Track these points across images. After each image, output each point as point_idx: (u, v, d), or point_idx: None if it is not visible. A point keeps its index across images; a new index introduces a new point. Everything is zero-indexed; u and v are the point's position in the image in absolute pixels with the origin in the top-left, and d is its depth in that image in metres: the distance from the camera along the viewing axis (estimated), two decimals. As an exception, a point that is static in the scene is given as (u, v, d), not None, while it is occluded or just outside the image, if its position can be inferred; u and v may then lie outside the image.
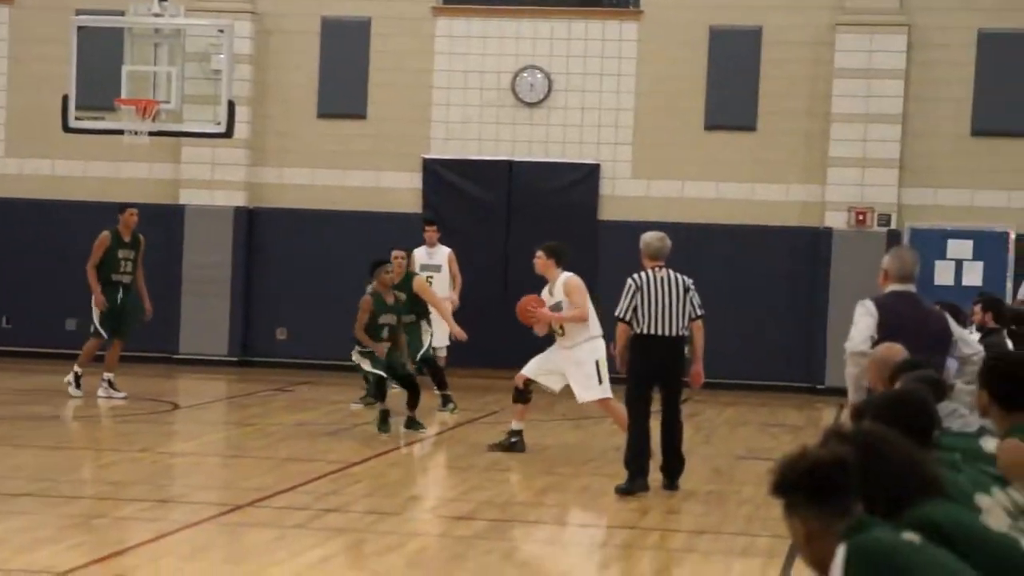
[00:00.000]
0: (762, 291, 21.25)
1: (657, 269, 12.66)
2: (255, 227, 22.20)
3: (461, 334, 16.51)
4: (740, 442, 16.29)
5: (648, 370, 12.50)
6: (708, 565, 10.14)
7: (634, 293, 12.49)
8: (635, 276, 12.64)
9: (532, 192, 21.83)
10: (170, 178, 22.26)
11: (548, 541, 10.60)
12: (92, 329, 17.64)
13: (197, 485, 12.88)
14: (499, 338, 21.19)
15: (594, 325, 14.08)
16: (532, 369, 14.32)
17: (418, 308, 16.82)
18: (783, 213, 21.43)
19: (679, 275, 12.74)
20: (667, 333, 12.48)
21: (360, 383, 16.92)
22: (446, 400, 17.23)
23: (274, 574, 9.36)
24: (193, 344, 21.87)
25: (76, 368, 17.59)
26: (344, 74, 22.27)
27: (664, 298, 12.51)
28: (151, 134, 17.67)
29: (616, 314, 12.61)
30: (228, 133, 18.08)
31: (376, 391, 15.56)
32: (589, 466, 14.01)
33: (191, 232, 21.94)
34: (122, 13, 17.56)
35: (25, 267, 22.12)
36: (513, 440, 14.53)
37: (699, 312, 12.73)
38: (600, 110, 21.97)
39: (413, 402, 15.41)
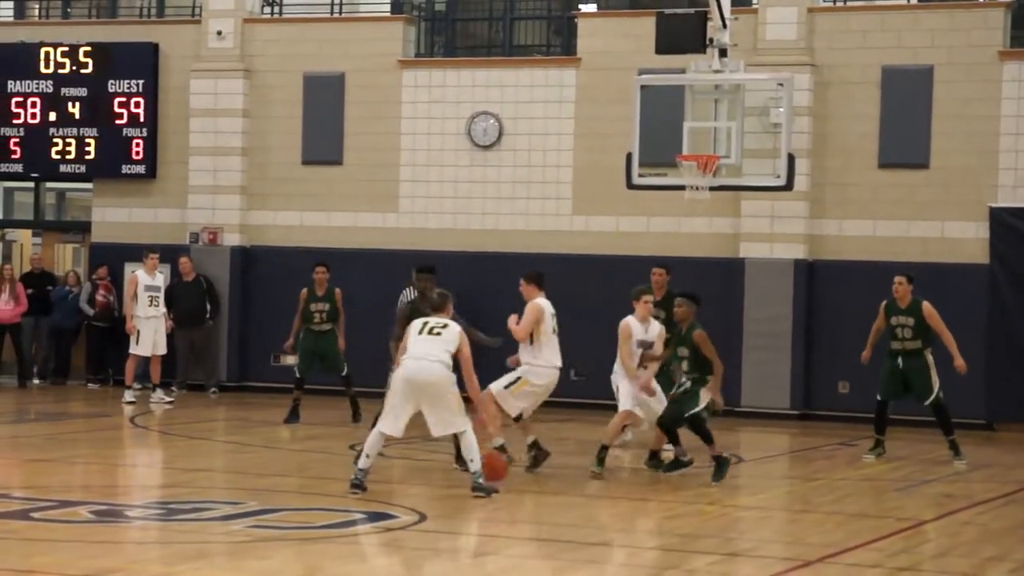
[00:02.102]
0: None
1: None
2: (815, 279, 22.01)
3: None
4: None
5: None
6: None
7: None
8: None
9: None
10: (730, 232, 22.39)
11: None
12: None
13: (765, 539, 12.77)
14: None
15: None
16: None
17: None
18: None
19: None
20: None
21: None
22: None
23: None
24: (755, 397, 21.86)
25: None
26: (906, 122, 21.86)
27: None
28: (712, 189, 17.78)
29: None
30: (788, 186, 18.00)
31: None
32: None
33: (751, 285, 21.97)
34: (683, 71, 17.77)
35: (591, 321, 22.64)
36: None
37: None
38: None
39: None
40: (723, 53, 17.34)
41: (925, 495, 15.09)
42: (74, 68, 24.79)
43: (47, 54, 24.85)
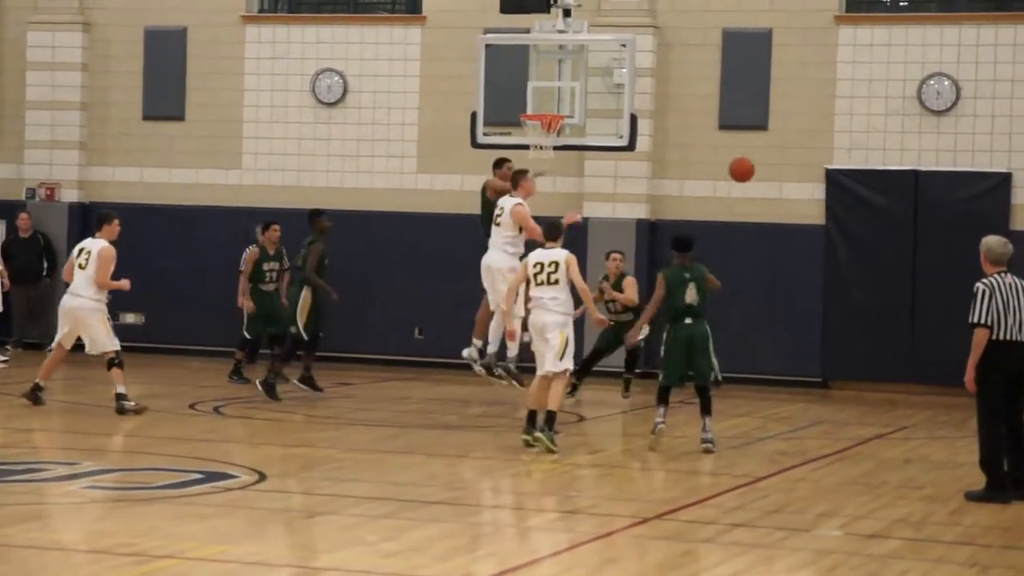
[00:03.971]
0: None
1: (1002, 275, 12.63)
2: (656, 239, 22.24)
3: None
4: None
5: (1003, 376, 12.45)
6: None
7: (989, 298, 12.48)
8: (984, 281, 12.62)
9: (940, 202, 21.25)
10: (574, 191, 22.51)
11: (966, 563, 10.22)
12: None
13: (604, 496, 12.93)
14: (907, 352, 20.84)
15: None
16: None
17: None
18: None
19: (1019, 280, 12.69)
20: (1021, 338, 12.48)
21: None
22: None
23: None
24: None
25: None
26: (743, 86, 22.14)
27: (1016, 302, 12.50)
28: (556, 148, 17.87)
29: (974, 320, 12.55)
30: (631, 146, 18.15)
31: None
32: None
33: (594, 244, 22.11)
34: (527, 31, 17.82)
35: (437, 279, 22.65)
36: None
37: None
38: (1011, 117, 21.24)
39: None
40: (567, 13, 17.42)
41: (760, 453, 15.37)
42: (-92, 18, 24.22)
43: None
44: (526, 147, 17.74)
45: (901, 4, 23.98)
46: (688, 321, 15.02)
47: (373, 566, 9.69)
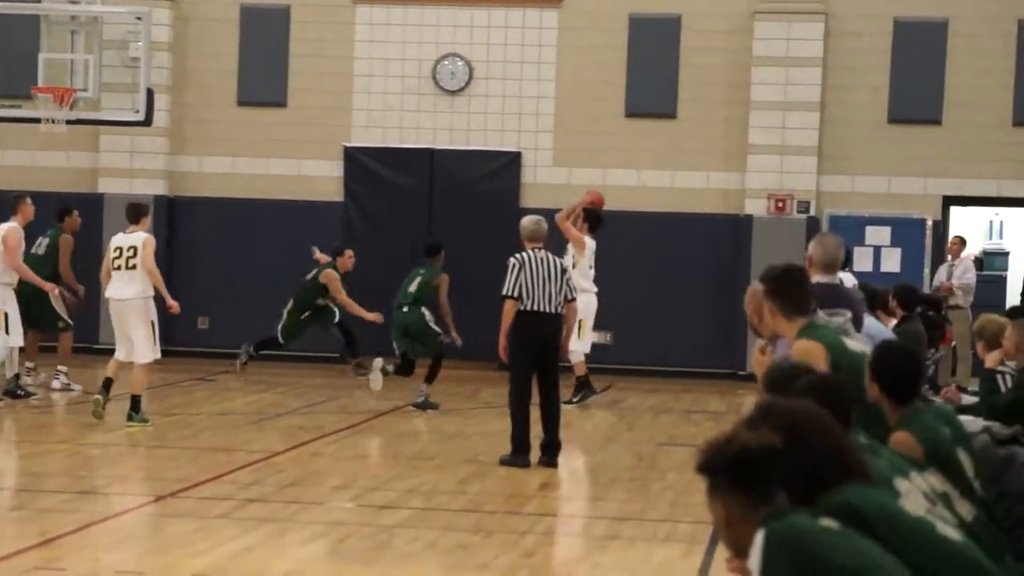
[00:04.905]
0: (683, 278, 21.37)
1: (536, 250, 13.33)
2: (176, 216, 22.06)
3: None
4: (663, 429, 16.38)
5: (532, 345, 12.98)
6: (631, 551, 10.20)
7: (519, 271, 13.08)
8: (517, 256, 13.27)
9: (454, 180, 21.85)
10: (89, 167, 22.09)
11: (472, 530, 10.61)
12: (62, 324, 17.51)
13: (118, 476, 12.81)
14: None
15: None
16: None
17: None
18: (704, 200, 21.56)
19: (555, 257, 13.45)
20: (550, 310, 13.08)
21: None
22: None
23: (196, 565, 9.33)
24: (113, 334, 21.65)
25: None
26: (264, 61, 22.19)
27: (545, 276, 13.11)
28: (69, 122, 17.54)
29: (504, 292, 13.14)
30: (148, 121, 17.99)
31: None
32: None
33: (110, 222, 21.75)
34: (38, 0, 17.39)
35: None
36: None
37: (573, 295, 13.34)
38: (521, 98, 22.01)
39: None
40: (79, -16, 17.11)
41: (278, 428, 15.48)
42: None
43: None
44: (38, 120, 17.37)
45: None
46: None
47: None
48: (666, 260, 21.36)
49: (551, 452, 13.17)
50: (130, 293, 14.86)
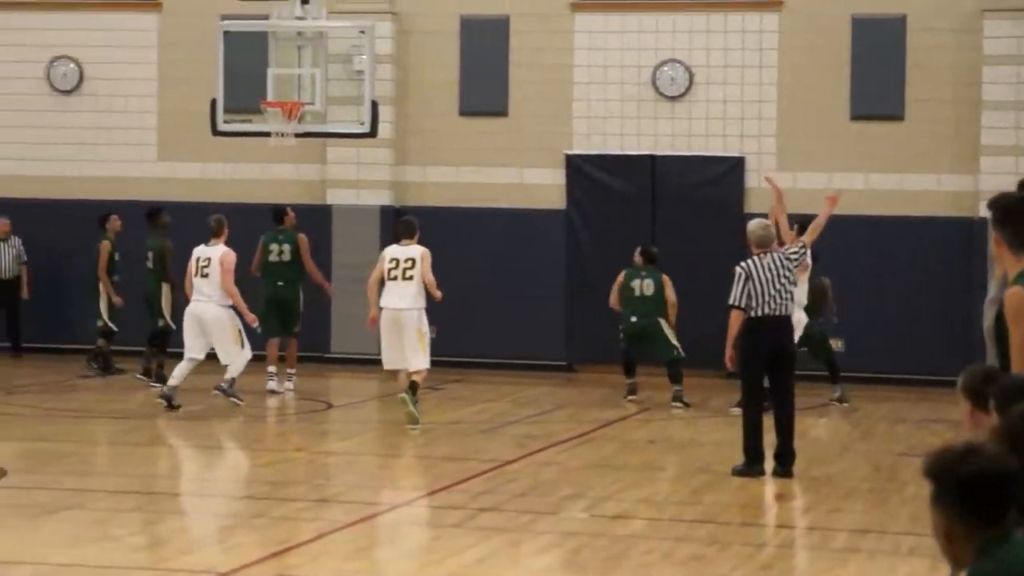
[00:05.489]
0: (915, 283, 20.92)
1: (763, 255, 13.10)
2: (400, 226, 22.27)
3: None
4: (899, 439, 16.01)
5: (763, 352, 12.83)
6: (873, 565, 10.00)
7: (745, 280, 12.93)
8: (743, 264, 13.12)
9: (676, 186, 21.73)
10: (317, 179, 22.46)
11: (707, 541, 10.51)
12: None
13: (353, 484, 12.96)
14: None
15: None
16: None
17: None
18: (934, 203, 21.10)
19: (782, 256, 13.17)
20: (780, 313, 12.94)
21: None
22: None
23: (432, 574, 9.39)
24: (344, 343, 22.01)
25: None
26: (485, 72, 22.33)
27: (773, 280, 12.93)
28: (297, 135, 17.81)
29: (730, 301, 13.02)
30: (372, 133, 18.17)
31: None
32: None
33: (339, 231, 22.10)
34: (266, 17, 17.69)
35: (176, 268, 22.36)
36: None
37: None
38: (743, 102, 21.81)
39: None
40: (305, 0, 17.35)
41: (507, 437, 15.53)
42: None
43: None
44: (267, 134, 17.64)
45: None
46: None
47: (118, 560, 9.58)
48: (896, 265, 20.94)
49: (785, 462, 12.98)
50: (407, 303, 15.27)
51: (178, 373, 16.37)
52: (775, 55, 21.74)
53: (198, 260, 16.78)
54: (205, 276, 16.47)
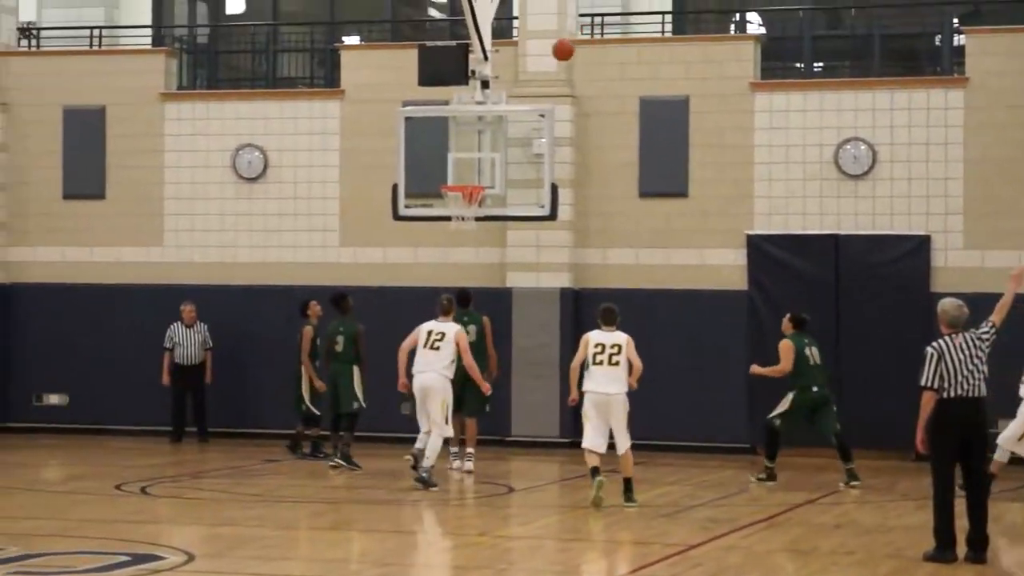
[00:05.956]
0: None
1: (954, 335, 12.78)
2: (580, 308, 22.26)
3: None
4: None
5: (956, 434, 12.56)
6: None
7: (937, 360, 12.64)
8: (935, 344, 12.79)
9: (860, 265, 21.44)
10: (497, 262, 22.55)
11: (900, 627, 10.22)
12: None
13: (536, 569, 12.86)
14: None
15: None
16: None
17: None
18: None
19: (975, 336, 12.82)
20: (974, 395, 12.63)
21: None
22: None
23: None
24: (525, 426, 22.00)
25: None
26: (665, 153, 22.29)
27: (966, 361, 12.63)
28: (477, 219, 17.90)
29: (922, 382, 12.70)
30: (553, 215, 18.19)
31: None
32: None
33: (519, 314, 22.14)
34: (446, 102, 17.86)
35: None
36: None
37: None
38: (928, 180, 21.48)
39: None
40: (485, 85, 17.50)
41: (691, 520, 15.33)
42: None
43: None
44: (448, 218, 17.76)
45: (815, 69, 24.30)
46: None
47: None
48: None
49: (978, 547, 12.62)
50: (616, 388, 15.91)
51: (430, 452, 17.02)
52: (960, 132, 21.41)
53: (430, 333, 17.42)
54: (436, 349, 17.35)
